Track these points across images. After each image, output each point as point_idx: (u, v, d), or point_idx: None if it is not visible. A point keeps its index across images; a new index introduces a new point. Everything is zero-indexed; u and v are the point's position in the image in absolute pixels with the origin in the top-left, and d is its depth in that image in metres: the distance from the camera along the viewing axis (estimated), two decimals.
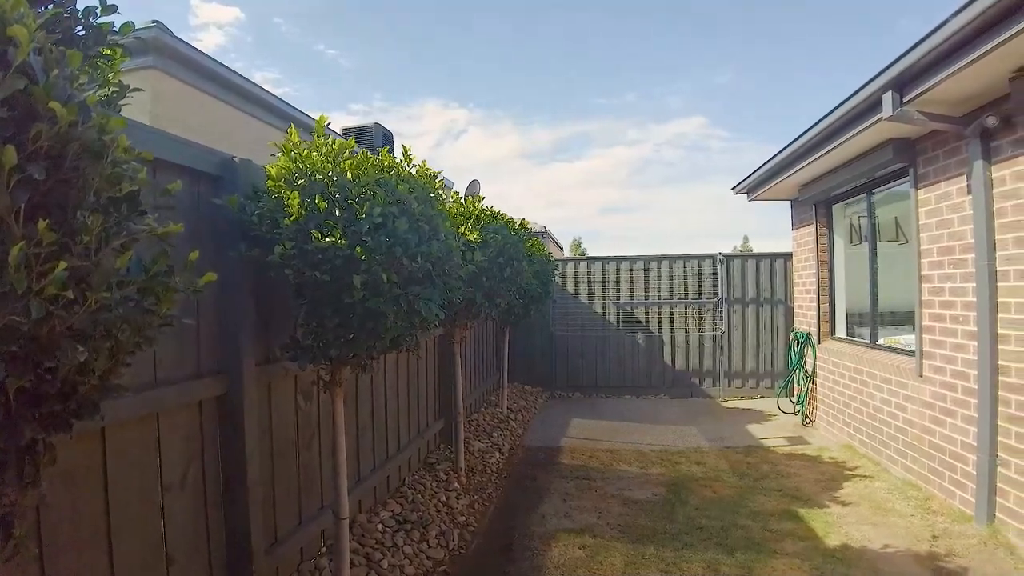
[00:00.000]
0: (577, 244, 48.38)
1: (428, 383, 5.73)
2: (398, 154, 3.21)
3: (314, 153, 2.67)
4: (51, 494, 1.81)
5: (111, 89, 1.71)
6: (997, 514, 4.07)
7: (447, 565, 3.88)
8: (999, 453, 4.05)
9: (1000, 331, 4.06)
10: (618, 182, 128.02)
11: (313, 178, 2.62)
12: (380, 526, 4.03)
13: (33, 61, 1.03)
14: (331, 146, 2.71)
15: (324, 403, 3.58)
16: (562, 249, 24.10)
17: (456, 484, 5.14)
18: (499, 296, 5.26)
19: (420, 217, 2.87)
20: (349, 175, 2.63)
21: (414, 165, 3.14)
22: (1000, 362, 4.06)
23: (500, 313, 5.96)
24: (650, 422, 8.15)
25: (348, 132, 11.28)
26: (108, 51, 1.77)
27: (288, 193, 2.54)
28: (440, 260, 3.00)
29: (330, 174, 2.62)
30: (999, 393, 4.06)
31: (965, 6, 3.34)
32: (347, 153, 2.72)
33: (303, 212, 2.55)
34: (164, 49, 6.46)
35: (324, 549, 3.55)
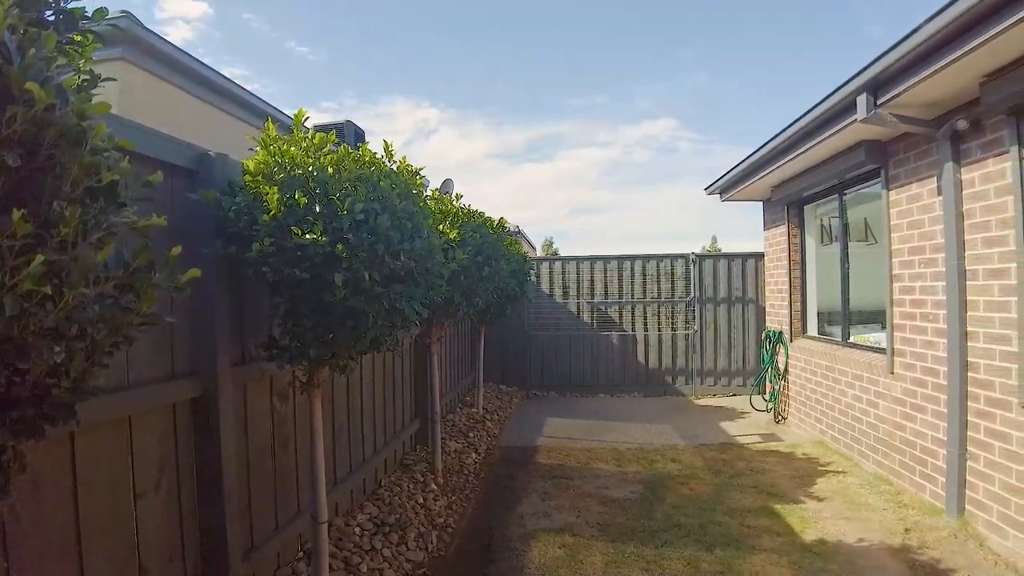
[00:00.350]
0: (549, 244, 48.51)
1: (404, 384, 5.65)
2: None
3: (292, 148, 2.60)
4: (18, 502, 1.72)
5: (81, 78, 1.62)
6: (967, 507, 4.16)
7: (427, 567, 3.82)
8: (968, 447, 4.15)
9: (969, 329, 4.16)
10: (590, 183, 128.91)
11: (292, 173, 2.55)
12: (358, 529, 3.95)
13: (7, 40, 0.96)
14: (311, 140, 2.64)
15: (300, 404, 3.50)
16: (535, 249, 24.13)
17: (433, 485, 5.08)
18: (477, 295, 5.22)
19: (402, 214, 2.81)
20: (330, 170, 2.56)
21: (395, 161, 3.08)
22: (969, 359, 4.15)
23: (477, 313, 5.91)
24: (625, 420, 8.18)
25: (320, 129, 11.09)
26: (79, 37, 1.68)
27: (267, 188, 2.46)
28: (423, 258, 2.95)
29: (310, 169, 2.55)
30: (968, 389, 4.16)
31: (939, 11, 3.40)
32: (327, 148, 2.65)
33: (282, 208, 2.47)
34: (134, 40, 6.28)
35: (301, 554, 3.47)
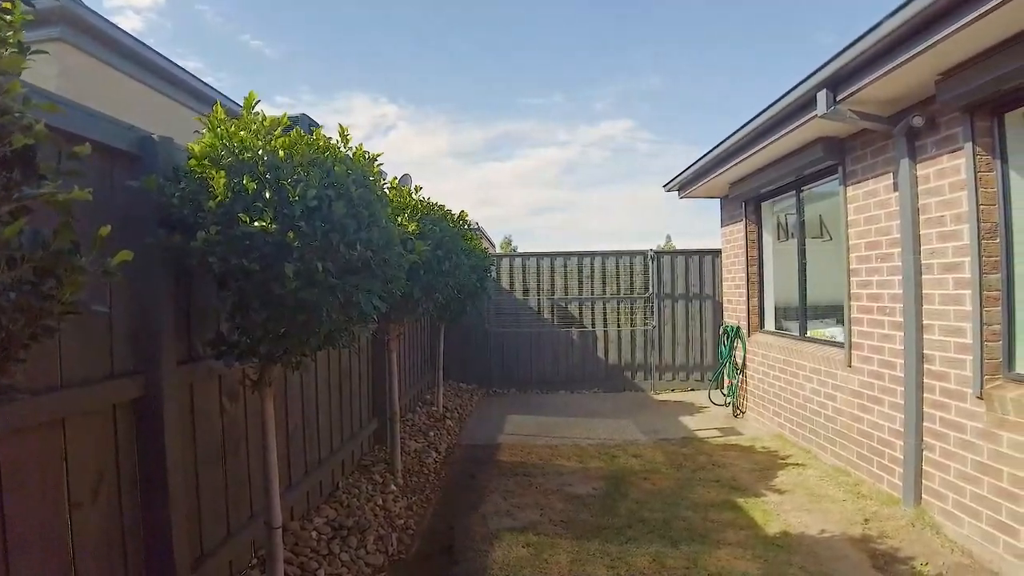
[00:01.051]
0: (508, 242, 48.49)
1: (361, 382, 5.49)
2: None
3: (242, 132, 2.43)
4: None
5: (8, 50, 1.45)
6: (923, 496, 4.24)
7: (387, 571, 3.69)
8: (924, 438, 4.22)
9: (925, 321, 4.23)
10: (548, 182, 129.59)
11: (241, 156, 2.38)
12: (315, 533, 3.79)
13: None
14: (261, 123, 2.48)
15: (252, 404, 3.32)
16: (494, 247, 24.07)
17: (393, 486, 4.94)
18: (437, 291, 5.09)
19: (358, 202, 2.68)
20: (281, 154, 2.40)
21: (350, 147, 2.93)
22: (925, 351, 4.23)
23: (437, 309, 5.78)
24: (586, 416, 8.16)
25: None
26: (8, 4, 1.51)
27: (213, 173, 2.29)
28: (380, 248, 2.82)
29: (260, 153, 2.39)
30: (924, 380, 4.24)
31: (900, 8, 3.43)
32: (279, 131, 2.49)
33: (229, 194, 2.31)
34: (74, 20, 5.87)
35: (255, 560, 3.29)
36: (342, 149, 2.81)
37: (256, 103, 2.60)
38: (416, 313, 5.25)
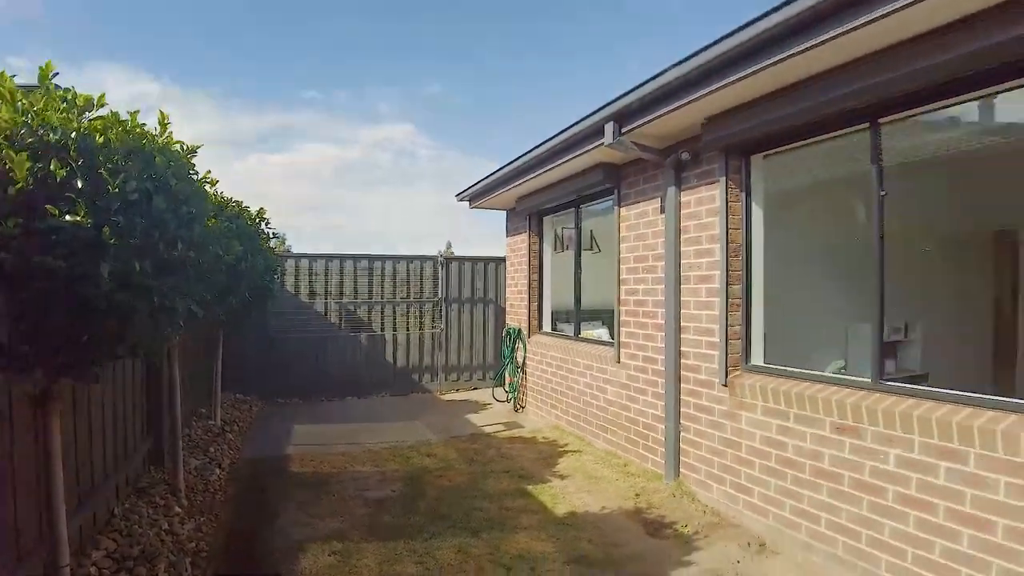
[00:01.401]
0: (282, 241, 45.54)
1: (135, 394, 4.85)
2: None
3: (48, 111, 2.10)
4: None
5: None
6: (681, 470, 5.05)
7: None
8: (681, 421, 5.04)
9: (682, 323, 5.05)
10: (323, 180, 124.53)
11: (46, 138, 2.06)
12: (94, 569, 3.30)
13: None
14: (72, 100, 2.16)
15: (19, 423, 2.81)
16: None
17: (177, 508, 4.47)
18: (233, 293, 4.74)
19: (180, 196, 2.47)
20: (99, 139, 2.13)
21: (166, 136, 2.66)
22: (682, 348, 5.05)
23: (227, 312, 5.36)
24: (377, 421, 8.14)
25: None
26: None
27: (11, 154, 1.95)
28: (201, 247, 2.62)
29: (73, 135, 2.09)
30: (681, 372, 5.05)
31: (682, 60, 4.02)
32: (94, 112, 2.20)
33: (32, 180, 1.99)
34: None
35: None
36: (159, 138, 2.55)
37: (54, 75, 2.26)
38: (202, 318, 4.80)
